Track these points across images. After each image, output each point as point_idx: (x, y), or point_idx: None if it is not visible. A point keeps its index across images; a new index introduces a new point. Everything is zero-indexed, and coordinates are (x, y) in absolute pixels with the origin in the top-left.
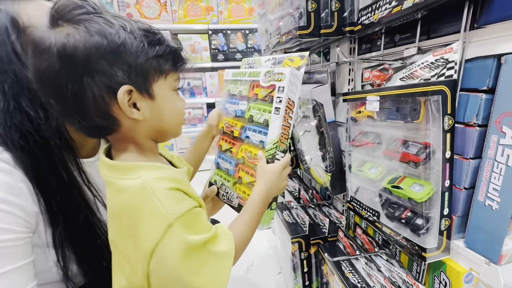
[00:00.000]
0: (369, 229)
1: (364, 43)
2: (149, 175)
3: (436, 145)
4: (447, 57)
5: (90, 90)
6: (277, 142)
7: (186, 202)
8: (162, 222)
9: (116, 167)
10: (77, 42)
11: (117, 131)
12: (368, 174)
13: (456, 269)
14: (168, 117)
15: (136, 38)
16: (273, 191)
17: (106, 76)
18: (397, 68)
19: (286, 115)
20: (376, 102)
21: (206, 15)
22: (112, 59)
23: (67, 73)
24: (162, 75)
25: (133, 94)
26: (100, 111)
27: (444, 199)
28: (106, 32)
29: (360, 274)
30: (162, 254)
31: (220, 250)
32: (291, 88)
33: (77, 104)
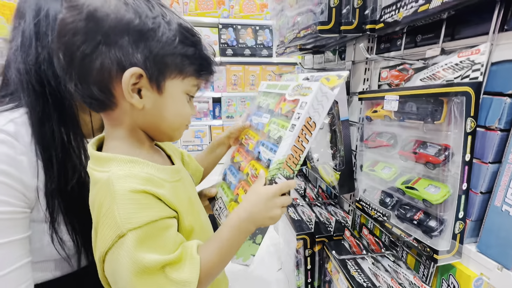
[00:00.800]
0: (376, 229)
1: (383, 43)
2: (120, 170)
3: (456, 147)
4: (473, 59)
5: (100, 58)
6: (282, 163)
7: (151, 211)
8: (113, 230)
9: (94, 157)
10: (110, 10)
11: (112, 110)
12: (381, 174)
13: (466, 273)
14: (169, 118)
15: (170, 30)
16: (257, 218)
17: (122, 52)
18: (418, 68)
19: (301, 135)
20: (394, 102)
21: (217, 8)
22: (136, 39)
23: (87, 34)
24: (181, 75)
25: (142, 80)
26: (100, 82)
27: (461, 202)
28: (142, 13)
29: (365, 273)
30: (111, 265)
31: (180, 278)
32: (316, 106)
33: (82, 66)
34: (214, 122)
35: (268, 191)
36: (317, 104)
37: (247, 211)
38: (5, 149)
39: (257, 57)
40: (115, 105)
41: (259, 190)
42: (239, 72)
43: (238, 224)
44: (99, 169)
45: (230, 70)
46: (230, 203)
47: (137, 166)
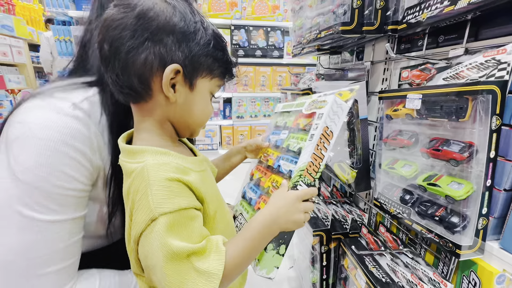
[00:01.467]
0: (393, 227)
1: (403, 43)
2: (153, 160)
3: (480, 144)
4: (499, 58)
5: (145, 53)
6: (303, 170)
7: (181, 198)
8: (146, 213)
9: (127, 151)
10: (160, 11)
11: (146, 101)
12: (401, 172)
13: (488, 270)
14: (196, 113)
15: (207, 35)
16: (281, 220)
17: (166, 49)
18: (440, 68)
19: (320, 143)
20: (417, 100)
21: (230, 10)
22: (179, 39)
23: (136, 31)
24: (210, 76)
25: (178, 76)
26: (141, 74)
27: (484, 199)
28: (187, 17)
29: (383, 269)
30: (144, 248)
31: (205, 268)
32: (332, 116)
33: (126, 58)
34: (224, 122)
35: (292, 195)
36: (333, 114)
37: (272, 212)
38: (80, 127)
39: (268, 58)
40: (150, 97)
41: (283, 194)
42: (249, 73)
43: (262, 224)
44: (133, 160)
45: (241, 71)
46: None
47: (169, 157)
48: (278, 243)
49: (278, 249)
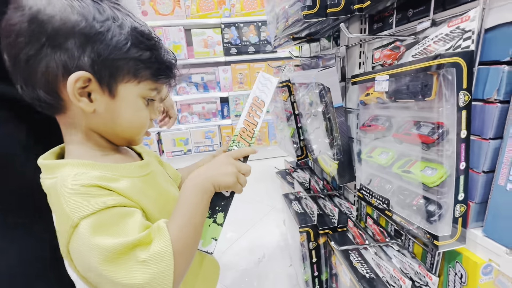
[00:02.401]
0: (381, 219)
1: (376, 22)
2: (69, 172)
3: (450, 124)
4: (464, 27)
5: (45, 61)
6: (236, 135)
7: (103, 198)
8: (66, 223)
9: (45, 167)
10: (54, 12)
11: (64, 113)
12: (378, 160)
13: (473, 260)
14: (123, 122)
15: (121, 34)
16: (211, 174)
17: (67, 55)
18: (409, 44)
19: (251, 111)
20: (385, 82)
21: (218, 9)
22: (83, 42)
23: (30, 37)
24: (135, 79)
25: (91, 83)
26: (46, 85)
27: (459, 183)
28: (89, 16)
29: (369, 264)
30: (76, 258)
31: (151, 253)
32: (261, 88)
33: (26, 69)
34: (223, 122)
35: (222, 155)
36: (261, 86)
37: (201, 171)
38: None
39: (261, 54)
40: (65, 108)
41: (213, 160)
42: (244, 70)
43: (193, 183)
44: (48, 176)
45: (236, 69)
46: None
47: (88, 167)
48: (214, 210)
49: (215, 218)
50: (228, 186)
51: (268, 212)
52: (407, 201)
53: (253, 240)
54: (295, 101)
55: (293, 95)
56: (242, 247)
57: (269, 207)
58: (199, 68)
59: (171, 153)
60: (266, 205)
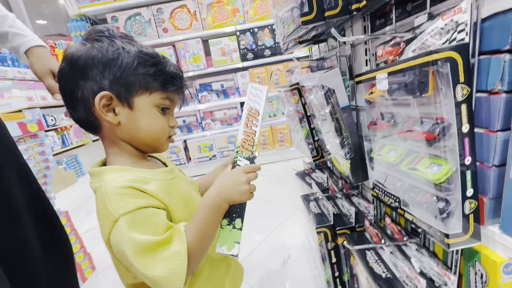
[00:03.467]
0: (400, 218)
1: (378, 19)
2: (111, 176)
3: (450, 119)
4: (457, 19)
5: (81, 90)
6: (239, 147)
7: (138, 200)
8: (109, 218)
9: (92, 173)
10: (81, 53)
11: (100, 130)
12: (387, 158)
13: (492, 258)
14: (143, 129)
15: (129, 57)
16: (226, 193)
17: (94, 82)
18: (408, 40)
19: (248, 122)
20: (385, 80)
21: (233, 17)
22: (102, 69)
23: (70, 75)
24: (147, 92)
25: (113, 101)
26: (85, 108)
27: (466, 179)
28: (103, 49)
29: (386, 264)
30: (115, 248)
31: (171, 252)
32: (253, 98)
33: (71, 98)
34: None
35: (234, 170)
36: (253, 96)
37: (216, 189)
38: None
39: (277, 56)
40: (99, 125)
41: (226, 172)
42: (262, 73)
43: (209, 200)
44: (95, 181)
45: (253, 73)
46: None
47: (126, 172)
48: (231, 217)
49: (233, 224)
50: (243, 201)
51: (292, 213)
52: (417, 199)
53: (278, 242)
54: (306, 103)
55: (303, 97)
56: (267, 248)
57: (293, 208)
58: (218, 76)
59: (197, 159)
60: (290, 207)
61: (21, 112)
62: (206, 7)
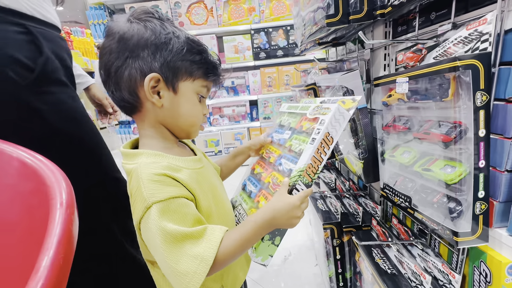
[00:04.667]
0: (407, 219)
1: (400, 25)
2: (146, 160)
3: (468, 123)
4: (481, 30)
5: (128, 69)
6: (302, 171)
7: (171, 189)
8: (142, 203)
9: (125, 154)
10: (134, 32)
11: (140, 111)
12: (401, 159)
13: (498, 259)
14: (183, 113)
15: (179, 42)
16: (278, 222)
17: (144, 62)
18: (430, 47)
19: (320, 148)
20: (405, 84)
21: (248, 15)
22: (153, 51)
23: (118, 52)
24: (191, 78)
25: (160, 83)
26: (130, 88)
27: (479, 181)
28: (157, 31)
29: (391, 261)
30: (144, 233)
31: (197, 252)
32: (334, 124)
33: (116, 77)
34: (252, 124)
35: (292, 201)
36: (334, 121)
37: (271, 214)
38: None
39: (290, 57)
40: (141, 106)
41: (284, 198)
42: (273, 73)
43: (261, 222)
44: (130, 162)
45: (264, 72)
46: (250, 209)
47: (160, 157)
48: (274, 234)
49: (273, 240)
50: (290, 228)
51: None
52: (428, 199)
53: None
54: None
55: (318, 97)
56: None
57: None
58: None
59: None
60: None
61: None
62: (223, 4)
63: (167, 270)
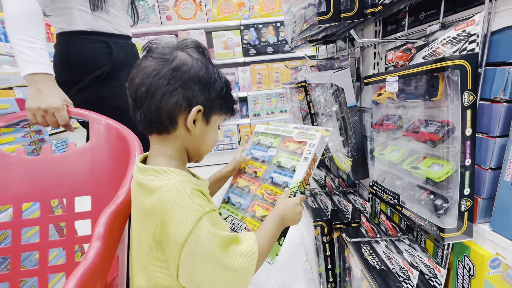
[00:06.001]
0: (395, 215)
1: (389, 24)
2: (178, 178)
3: (455, 122)
4: (469, 30)
5: (176, 96)
6: (300, 182)
7: (207, 203)
8: (192, 216)
9: (149, 170)
10: (192, 66)
11: (169, 133)
12: (390, 157)
13: (481, 253)
14: (208, 142)
15: (221, 83)
16: (288, 218)
17: (193, 94)
18: (419, 47)
19: (311, 165)
20: (395, 83)
21: (238, 11)
22: (203, 86)
23: (170, 79)
24: (220, 113)
25: (199, 114)
26: (170, 112)
27: (465, 179)
28: (209, 69)
29: (380, 257)
30: (193, 245)
31: (245, 249)
32: (319, 147)
33: (160, 101)
34: (242, 121)
35: (294, 201)
36: (319, 146)
37: (282, 213)
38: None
39: (280, 54)
40: (173, 130)
41: (288, 201)
42: (263, 70)
43: (277, 220)
44: (157, 178)
45: (254, 69)
46: (244, 219)
47: (187, 177)
48: (279, 236)
49: (279, 241)
50: (293, 225)
51: None
52: (416, 196)
53: None
54: (311, 100)
55: (309, 95)
56: None
57: None
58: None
59: None
60: None
61: (11, 89)
62: None
63: (221, 272)
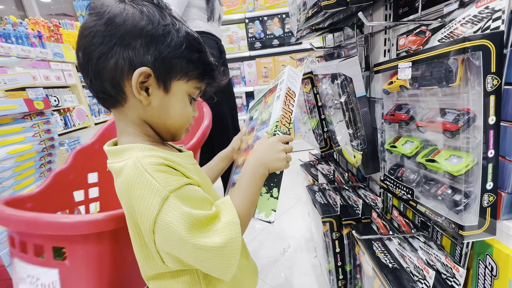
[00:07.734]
0: (408, 211)
1: (401, 7)
2: (141, 153)
3: (477, 110)
4: (493, 6)
5: (114, 58)
6: (278, 121)
7: (180, 177)
8: (156, 196)
9: (112, 152)
10: (127, 17)
11: (123, 106)
12: (402, 149)
13: (505, 252)
14: (173, 115)
15: (178, 37)
16: (266, 160)
17: (134, 53)
18: (435, 29)
19: (286, 101)
20: (408, 69)
21: (242, 3)
22: (148, 42)
23: (105, 37)
24: (185, 78)
25: (150, 79)
26: (113, 79)
27: (487, 172)
28: (155, 20)
29: (392, 254)
30: (163, 230)
31: (224, 222)
32: (291, 80)
33: (98, 65)
34: None
35: (272, 139)
36: (291, 78)
37: (256, 156)
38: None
39: (286, 46)
40: (125, 101)
41: (264, 140)
42: (269, 63)
43: (251, 168)
44: (120, 159)
45: (260, 63)
46: None
47: (155, 151)
48: (270, 186)
49: (271, 192)
50: (280, 169)
51: (293, 205)
52: (432, 191)
53: (279, 231)
54: (318, 92)
55: (316, 86)
56: (268, 237)
57: (294, 200)
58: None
59: None
60: (292, 198)
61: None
62: None
63: (202, 256)
